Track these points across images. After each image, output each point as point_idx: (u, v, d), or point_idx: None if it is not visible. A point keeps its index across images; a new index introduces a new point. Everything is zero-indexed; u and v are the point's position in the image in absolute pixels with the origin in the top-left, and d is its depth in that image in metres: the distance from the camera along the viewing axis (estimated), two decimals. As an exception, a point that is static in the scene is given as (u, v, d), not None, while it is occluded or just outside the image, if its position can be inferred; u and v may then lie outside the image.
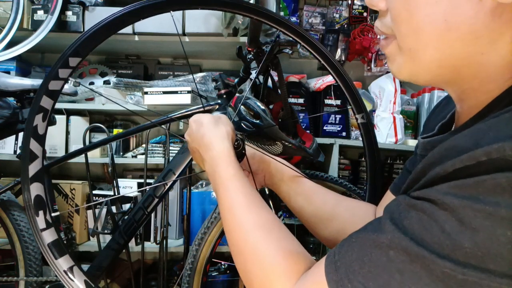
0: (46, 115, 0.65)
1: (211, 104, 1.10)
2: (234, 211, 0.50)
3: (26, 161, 0.64)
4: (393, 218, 0.33)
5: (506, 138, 0.27)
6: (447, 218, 0.29)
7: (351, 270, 0.34)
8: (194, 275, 1.14)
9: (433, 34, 0.36)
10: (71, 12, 1.67)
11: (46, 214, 0.64)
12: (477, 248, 0.27)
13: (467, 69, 0.37)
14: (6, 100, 1.27)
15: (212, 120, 0.62)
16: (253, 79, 0.96)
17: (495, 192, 0.27)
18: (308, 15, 1.89)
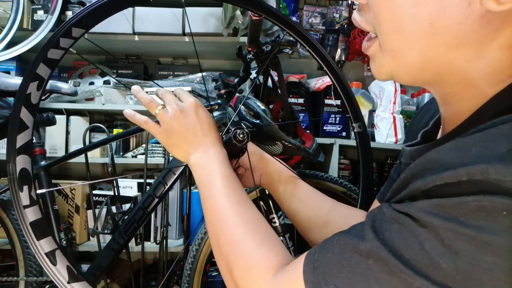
0: (41, 84, 0.60)
1: (211, 104, 1.10)
2: (220, 206, 0.51)
3: (14, 130, 0.58)
4: (375, 226, 0.33)
5: (490, 159, 0.26)
6: (428, 237, 0.28)
7: (328, 272, 0.34)
8: (194, 275, 1.14)
9: (417, 36, 0.34)
10: (71, 12, 1.68)
11: (31, 190, 0.58)
12: (456, 272, 0.27)
13: (450, 73, 0.36)
14: (6, 100, 1.27)
15: (213, 121, 0.61)
16: (253, 79, 0.96)
17: (478, 215, 0.26)
18: (308, 15, 1.89)
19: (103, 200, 1.60)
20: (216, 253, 0.50)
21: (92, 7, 0.62)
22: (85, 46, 1.83)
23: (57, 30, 0.61)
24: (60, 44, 0.62)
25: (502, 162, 0.26)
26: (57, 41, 0.61)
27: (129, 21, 1.68)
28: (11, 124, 0.58)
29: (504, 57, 0.33)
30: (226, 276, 0.48)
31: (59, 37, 0.61)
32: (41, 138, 1.29)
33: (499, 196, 0.26)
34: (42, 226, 0.57)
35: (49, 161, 1.27)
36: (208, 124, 0.59)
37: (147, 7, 1.68)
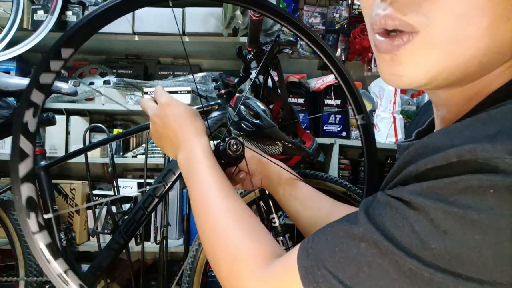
0: (36, 110, 0.60)
1: (211, 104, 1.10)
2: (206, 199, 0.51)
3: (15, 160, 0.59)
4: (368, 212, 0.33)
5: (478, 139, 0.27)
6: (418, 219, 0.28)
7: (321, 257, 0.34)
8: (194, 275, 1.14)
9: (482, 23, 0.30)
10: (71, 12, 1.68)
11: (38, 216, 0.60)
12: (445, 251, 0.27)
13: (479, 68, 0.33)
14: (6, 100, 1.27)
15: (188, 110, 0.61)
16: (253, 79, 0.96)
17: (466, 194, 0.27)
18: (308, 15, 1.89)
19: (103, 200, 1.60)
20: (204, 247, 0.49)
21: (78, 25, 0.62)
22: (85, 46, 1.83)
23: (46, 55, 0.61)
24: (51, 67, 0.61)
25: (490, 142, 0.26)
26: (47, 65, 0.61)
27: (129, 21, 1.68)
28: (12, 155, 0.60)
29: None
30: (215, 270, 0.47)
31: (50, 60, 0.61)
32: (41, 138, 1.29)
33: (487, 174, 0.26)
34: (53, 249, 0.60)
35: (49, 161, 1.27)
36: (183, 119, 0.59)
37: (147, 7, 1.69)
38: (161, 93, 0.63)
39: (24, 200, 0.59)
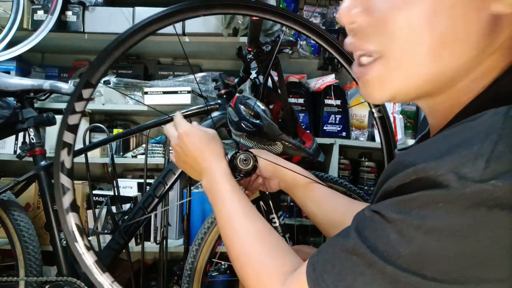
0: (70, 149, 0.70)
1: (211, 104, 1.10)
2: (231, 222, 0.56)
3: (59, 195, 0.70)
4: (358, 227, 0.37)
5: (430, 158, 0.31)
6: (391, 230, 0.33)
7: (325, 270, 0.38)
8: (194, 275, 1.14)
9: (430, 47, 0.35)
10: (71, 12, 1.68)
11: (84, 239, 0.71)
12: (411, 256, 0.31)
13: (446, 83, 0.37)
14: (6, 100, 1.27)
15: (206, 137, 0.67)
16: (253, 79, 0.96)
17: (421, 207, 0.31)
18: (308, 15, 1.89)
19: (103, 200, 1.60)
20: (234, 266, 0.54)
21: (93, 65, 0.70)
22: (86, 46, 1.84)
23: (71, 98, 0.70)
24: (76, 109, 0.70)
25: (436, 160, 0.30)
26: (73, 108, 0.70)
27: (129, 21, 1.68)
28: (56, 190, 0.71)
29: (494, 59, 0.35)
30: (244, 285, 0.52)
31: (74, 102, 0.70)
32: (41, 138, 1.29)
33: (436, 189, 0.30)
34: (100, 265, 0.71)
35: (49, 161, 1.27)
36: (202, 147, 0.65)
37: (147, 7, 1.69)
38: (179, 123, 0.69)
39: (71, 228, 0.71)
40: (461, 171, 0.29)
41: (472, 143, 0.30)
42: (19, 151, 1.28)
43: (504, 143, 0.29)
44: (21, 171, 1.37)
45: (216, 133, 0.70)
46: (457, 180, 0.29)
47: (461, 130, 0.32)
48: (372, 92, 0.40)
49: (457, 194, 0.29)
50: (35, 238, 1.31)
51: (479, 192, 0.28)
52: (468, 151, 0.29)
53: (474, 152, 0.29)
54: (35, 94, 1.28)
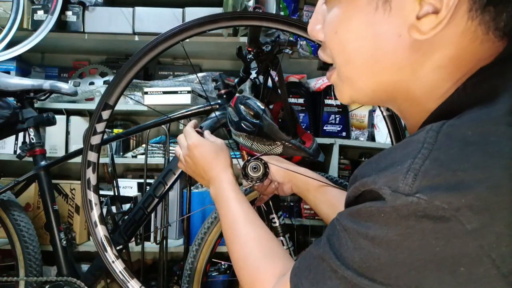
0: (94, 167, 0.76)
1: (211, 104, 1.10)
2: (233, 228, 0.61)
3: (88, 210, 0.76)
4: (328, 234, 0.40)
5: (372, 173, 0.35)
6: (347, 238, 0.36)
7: (302, 275, 0.42)
8: (194, 275, 1.14)
9: (363, 65, 0.40)
10: (71, 12, 1.67)
11: (112, 249, 0.77)
12: (362, 262, 0.34)
13: (398, 93, 0.41)
14: (6, 100, 1.27)
15: (214, 148, 0.72)
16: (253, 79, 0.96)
17: (367, 218, 0.34)
18: (308, 15, 1.89)
19: (103, 200, 1.61)
20: (234, 269, 0.58)
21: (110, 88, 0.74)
22: (85, 46, 1.84)
23: (92, 120, 0.75)
24: (97, 130, 0.76)
25: (378, 174, 0.34)
26: (94, 129, 0.75)
27: (129, 21, 1.68)
28: (84, 206, 0.77)
29: (437, 76, 0.38)
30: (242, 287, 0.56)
31: (95, 124, 0.75)
32: (41, 138, 1.29)
33: (377, 201, 0.33)
34: (128, 272, 0.77)
35: (49, 161, 1.27)
36: (210, 158, 0.71)
37: (147, 7, 1.69)
38: (189, 135, 0.75)
39: (100, 239, 0.77)
40: (394, 185, 0.32)
41: (406, 159, 0.33)
42: (19, 151, 1.28)
43: (432, 159, 0.31)
44: (21, 171, 1.37)
45: (223, 143, 0.75)
46: (390, 194, 0.32)
47: (403, 144, 0.35)
48: (337, 94, 0.46)
49: (390, 206, 0.32)
50: (35, 238, 1.31)
51: (408, 204, 0.31)
52: (401, 166, 0.32)
53: (406, 167, 0.32)
54: (35, 94, 1.28)
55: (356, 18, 0.39)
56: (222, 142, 0.75)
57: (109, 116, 0.76)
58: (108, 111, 0.76)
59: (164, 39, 0.76)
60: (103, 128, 0.76)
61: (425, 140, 0.33)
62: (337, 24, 0.41)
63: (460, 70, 0.37)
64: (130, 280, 0.77)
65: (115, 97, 0.75)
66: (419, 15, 0.35)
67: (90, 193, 0.76)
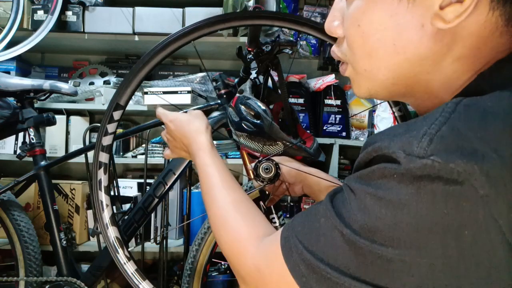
0: (106, 168, 0.76)
1: (211, 104, 1.10)
2: (210, 192, 0.61)
3: (99, 211, 0.76)
4: (331, 194, 0.41)
5: (386, 139, 0.35)
6: (353, 198, 0.37)
7: (295, 230, 0.42)
8: (194, 275, 1.14)
9: (384, 57, 0.41)
10: (71, 12, 1.67)
11: (124, 250, 0.77)
12: (365, 222, 0.34)
13: (417, 86, 0.42)
14: (6, 100, 1.27)
15: (188, 117, 0.71)
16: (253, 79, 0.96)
17: (378, 179, 0.35)
18: (308, 15, 1.89)
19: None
20: (213, 232, 0.58)
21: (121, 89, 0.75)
22: (85, 46, 1.84)
23: (104, 120, 0.75)
24: (109, 130, 0.75)
25: (392, 139, 0.34)
26: (105, 129, 0.75)
27: (129, 21, 1.68)
28: (95, 207, 0.77)
29: (457, 68, 0.39)
30: (222, 251, 0.55)
31: (106, 124, 0.75)
32: (41, 138, 1.29)
33: (391, 163, 0.34)
34: (140, 274, 0.77)
35: (49, 161, 1.27)
36: (183, 129, 0.70)
37: (147, 7, 1.69)
38: (162, 114, 0.74)
39: (112, 240, 0.77)
40: (408, 148, 0.32)
41: (422, 126, 0.33)
42: (19, 151, 1.28)
43: (449, 125, 0.32)
44: (21, 171, 1.37)
45: (200, 113, 0.73)
46: (404, 157, 0.32)
47: (419, 117, 0.36)
48: (355, 89, 0.47)
49: (404, 169, 0.32)
50: (35, 238, 1.31)
51: (422, 166, 0.31)
52: (417, 132, 0.33)
53: (422, 132, 0.32)
54: (35, 94, 1.28)
55: (378, 10, 0.39)
56: (198, 112, 0.73)
57: (120, 116, 0.76)
58: (120, 111, 0.75)
59: (175, 38, 0.75)
60: (114, 129, 0.76)
61: (443, 110, 0.33)
62: (359, 16, 0.41)
63: (479, 61, 0.38)
64: (142, 281, 0.77)
65: (126, 98, 0.75)
66: (442, 4, 0.36)
67: (101, 194, 0.76)
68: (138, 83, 0.75)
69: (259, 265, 0.47)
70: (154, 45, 0.74)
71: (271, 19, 0.77)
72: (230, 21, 0.77)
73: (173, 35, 0.75)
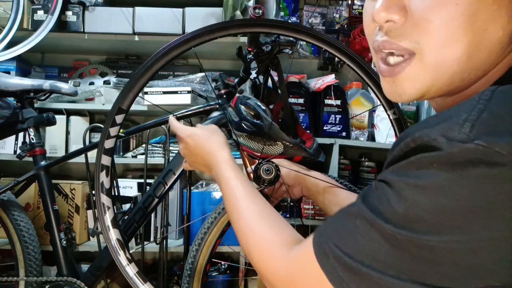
0: (108, 171, 0.76)
1: (211, 104, 1.10)
2: (235, 204, 0.61)
3: (101, 214, 0.76)
4: (363, 195, 0.40)
5: (425, 127, 0.34)
6: (391, 192, 0.36)
7: (329, 235, 0.41)
8: (194, 275, 1.14)
9: (471, 44, 0.37)
10: (71, 12, 1.67)
11: (125, 252, 0.77)
12: (406, 214, 0.34)
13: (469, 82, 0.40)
14: (6, 100, 1.27)
15: (206, 132, 0.72)
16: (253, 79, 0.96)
17: (418, 168, 0.34)
18: (308, 15, 1.89)
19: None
20: (240, 244, 0.57)
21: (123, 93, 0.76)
22: (85, 46, 1.84)
23: (106, 124, 0.76)
24: (111, 133, 0.76)
25: (430, 128, 0.34)
26: (108, 132, 0.76)
27: (129, 21, 1.68)
28: (98, 209, 0.77)
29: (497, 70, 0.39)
30: (250, 261, 0.55)
31: (109, 128, 0.76)
32: (41, 138, 1.29)
33: (431, 152, 0.33)
34: (141, 275, 0.77)
35: (49, 161, 1.27)
36: (203, 144, 0.71)
37: (147, 7, 1.68)
38: (177, 129, 0.76)
39: (113, 242, 0.76)
40: (450, 134, 0.32)
41: (462, 112, 0.33)
42: (19, 151, 1.28)
43: (489, 112, 0.32)
44: (21, 171, 1.37)
45: (216, 127, 0.75)
46: (446, 142, 0.32)
47: (457, 105, 0.35)
48: (404, 89, 0.42)
49: (446, 154, 0.32)
50: (35, 238, 1.31)
51: (465, 150, 0.31)
52: (457, 119, 0.33)
53: (462, 119, 0.32)
54: (35, 94, 1.28)
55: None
56: (214, 127, 0.75)
57: (122, 120, 0.77)
58: (122, 115, 0.77)
59: (176, 45, 0.77)
60: (116, 132, 0.77)
61: (480, 98, 0.33)
62: None
63: None
64: (143, 284, 0.77)
65: (128, 102, 0.77)
66: None
67: (103, 196, 0.76)
68: (140, 88, 0.77)
69: (292, 274, 0.46)
70: (154, 46, 0.75)
71: (269, 27, 0.79)
72: (229, 29, 0.78)
73: (174, 42, 0.76)
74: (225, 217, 1.14)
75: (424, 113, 1.79)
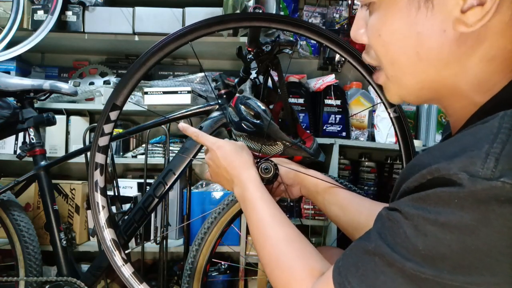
0: (102, 169, 0.75)
1: (211, 104, 1.10)
2: (261, 228, 0.59)
3: (95, 213, 0.75)
4: (377, 228, 0.39)
5: (442, 159, 0.33)
6: (408, 225, 0.35)
7: (349, 273, 0.40)
8: (194, 275, 1.14)
9: (408, 64, 0.41)
10: (71, 12, 1.67)
11: (121, 253, 0.75)
12: (428, 250, 0.33)
13: (444, 89, 0.42)
14: (6, 100, 1.27)
15: (235, 148, 0.70)
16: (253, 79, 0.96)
17: (437, 203, 0.33)
18: (308, 15, 1.89)
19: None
20: (265, 271, 0.56)
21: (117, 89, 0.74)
22: (85, 46, 1.83)
23: (100, 121, 0.74)
24: (105, 131, 0.74)
25: (448, 160, 0.33)
26: (102, 130, 0.74)
27: (129, 21, 1.68)
28: (92, 209, 0.75)
29: (486, 68, 0.38)
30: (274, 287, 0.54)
31: (103, 125, 0.73)
32: (41, 138, 1.29)
33: (450, 187, 0.32)
34: (137, 276, 0.76)
35: (49, 161, 1.27)
36: (231, 158, 0.69)
37: (147, 7, 1.68)
38: (204, 139, 0.74)
39: (108, 242, 0.75)
40: (472, 170, 0.31)
41: (482, 144, 0.32)
42: (19, 151, 1.28)
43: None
44: (21, 171, 1.37)
45: (244, 145, 0.74)
46: (468, 178, 0.31)
47: (473, 132, 0.35)
48: (386, 94, 0.47)
49: (468, 191, 0.31)
50: (35, 238, 1.31)
51: (489, 188, 0.30)
52: (478, 151, 0.31)
53: (485, 152, 0.31)
54: (35, 94, 1.28)
55: (398, 20, 0.40)
56: (242, 144, 0.74)
57: (117, 117, 0.75)
58: (116, 112, 0.74)
59: (172, 40, 0.74)
60: (111, 129, 0.75)
61: (501, 125, 0.32)
62: (380, 27, 0.42)
63: (509, 60, 0.38)
64: (139, 284, 0.76)
65: (122, 98, 0.74)
66: (463, 8, 0.35)
67: (97, 195, 0.75)
68: (135, 84, 0.74)
69: None
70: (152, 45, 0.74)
71: (268, 21, 0.77)
72: (227, 23, 0.76)
73: (169, 36, 0.74)
74: (225, 217, 1.14)
75: (424, 113, 1.78)
